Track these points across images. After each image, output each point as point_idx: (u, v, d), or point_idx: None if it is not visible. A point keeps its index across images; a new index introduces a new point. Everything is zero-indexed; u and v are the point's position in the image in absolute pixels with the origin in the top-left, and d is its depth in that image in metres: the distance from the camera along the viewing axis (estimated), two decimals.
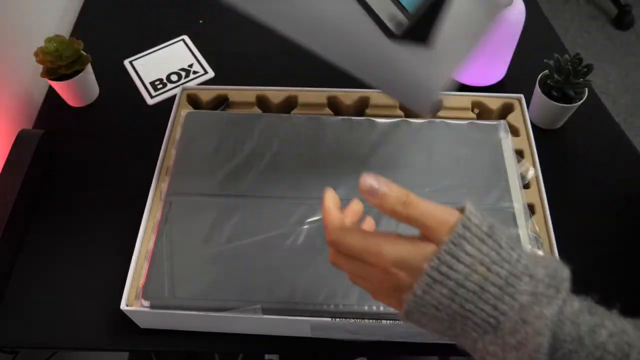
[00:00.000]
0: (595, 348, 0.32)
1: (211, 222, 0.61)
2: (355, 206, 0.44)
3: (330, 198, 0.40)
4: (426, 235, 0.35)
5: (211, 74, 0.86)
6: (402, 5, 0.44)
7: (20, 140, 0.71)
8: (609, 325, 0.33)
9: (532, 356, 0.31)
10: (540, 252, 0.39)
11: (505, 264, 0.33)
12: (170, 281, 0.56)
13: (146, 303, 0.56)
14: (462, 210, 0.35)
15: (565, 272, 0.34)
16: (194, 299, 0.56)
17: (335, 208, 0.40)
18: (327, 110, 0.75)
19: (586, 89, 0.73)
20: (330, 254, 0.39)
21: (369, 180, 0.35)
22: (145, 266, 0.58)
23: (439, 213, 0.34)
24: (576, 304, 0.33)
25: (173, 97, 0.78)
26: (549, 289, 0.33)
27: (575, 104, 0.73)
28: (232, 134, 0.69)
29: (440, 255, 0.33)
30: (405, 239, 0.35)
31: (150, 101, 0.83)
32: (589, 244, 0.67)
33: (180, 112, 0.73)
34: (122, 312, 0.57)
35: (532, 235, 0.60)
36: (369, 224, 0.47)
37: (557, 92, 0.73)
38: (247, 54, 0.80)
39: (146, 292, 0.56)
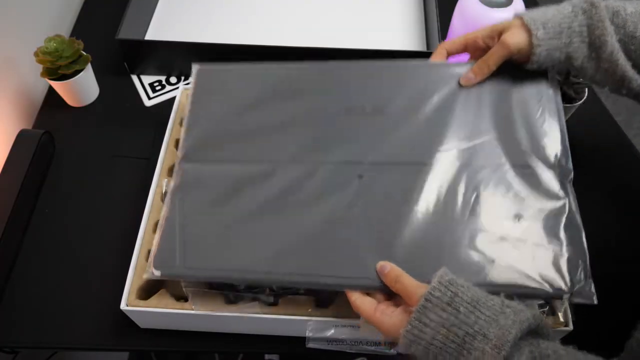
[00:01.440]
0: None
1: (225, 191, 0.57)
2: None
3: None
4: (408, 303, 0.47)
5: None
6: None
7: (20, 140, 0.72)
8: None
9: None
10: (514, 303, 0.45)
11: (463, 325, 0.43)
12: (182, 251, 0.54)
13: (157, 272, 0.53)
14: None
15: (510, 335, 0.41)
16: (206, 269, 0.54)
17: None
18: None
19: (586, 89, 0.73)
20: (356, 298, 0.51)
21: (382, 263, 0.50)
22: (157, 235, 0.56)
23: (413, 288, 0.46)
24: (523, 357, 0.41)
25: (172, 98, 0.78)
26: (494, 348, 0.41)
27: (575, 104, 0.73)
28: (248, 92, 0.63)
29: (411, 321, 0.44)
30: (395, 312, 0.48)
31: (149, 102, 0.83)
32: (588, 243, 0.67)
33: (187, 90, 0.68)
34: (122, 312, 0.57)
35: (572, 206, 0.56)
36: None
37: None
38: (247, 54, 0.80)
39: (157, 261, 0.54)
